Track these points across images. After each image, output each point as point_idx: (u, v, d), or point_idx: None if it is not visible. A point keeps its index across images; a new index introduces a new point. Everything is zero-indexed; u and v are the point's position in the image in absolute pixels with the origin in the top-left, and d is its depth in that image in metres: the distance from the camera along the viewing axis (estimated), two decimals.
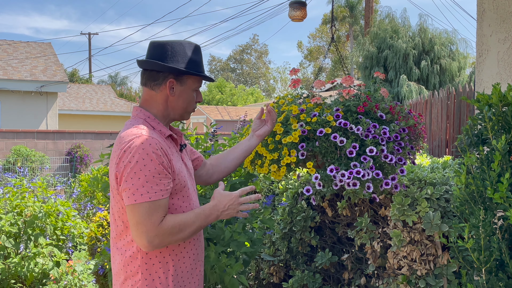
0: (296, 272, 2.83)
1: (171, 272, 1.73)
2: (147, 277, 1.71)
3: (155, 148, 1.63)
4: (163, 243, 1.64)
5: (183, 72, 1.77)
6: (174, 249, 1.74)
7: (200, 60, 1.84)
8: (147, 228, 1.60)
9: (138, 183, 1.59)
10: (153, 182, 1.60)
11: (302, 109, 2.04)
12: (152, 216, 1.60)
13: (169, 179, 1.66)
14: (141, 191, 1.59)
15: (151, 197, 1.60)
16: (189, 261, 1.79)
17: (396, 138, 1.98)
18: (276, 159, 2.05)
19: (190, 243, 1.79)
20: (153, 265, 1.72)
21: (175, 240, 1.67)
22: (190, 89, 1.81)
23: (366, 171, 1.90)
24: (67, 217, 4.30)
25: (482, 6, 2.60)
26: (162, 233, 1.61)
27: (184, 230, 1.67)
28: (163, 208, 1.63)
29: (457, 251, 1.63)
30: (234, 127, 3.54)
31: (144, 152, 1.61)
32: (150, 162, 1.60)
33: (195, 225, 1.70)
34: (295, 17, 7.05)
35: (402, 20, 15.68)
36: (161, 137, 1.73)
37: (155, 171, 1.61)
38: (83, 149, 12.52)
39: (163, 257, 1.72)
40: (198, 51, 1.85)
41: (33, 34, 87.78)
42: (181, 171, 1.76)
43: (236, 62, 51.07)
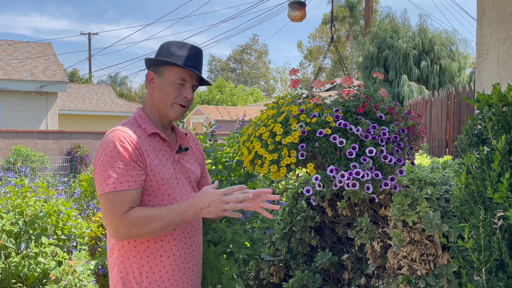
0: (296, 272, 2.83)
1: (145, 268, 1.74)
2: (122, 270, 1.76)
3: (123, 141, 1.68)
4: (129, 233, 1.66)
5: (157, 61, 1.81)
6: (150, 246, 1.74)
7: (185, 54, 1.84)
8: (112, 218, 1.65)
9: (106, 174, 1.66)
10: (119, 173, 1.65)
11: (302, 109, 2.04)
12: (117, 206, 1.64)
13: (138, 171, 1.69)
14: (107, 182, 1.65)
15: (116, 187, 1.65)
16: (169, 261, 1.76)
17: (395, 139, 1.99)
18: (276, 160, 2.05)
19: (169, 242, 1.76)
20: (128, 259, 1.75)
21: (142, 232, 1.67)
22: (168, 80, 1.81)
23: (365, 171, 1.90)
24: (68, 217, 4.30)
25: (482, 6, 2.61)
26: (126, 223, 1.64)
27: (152, 223, 1.66)
28: (130, 199, 1.66)
29: (457, 251, 1.64)
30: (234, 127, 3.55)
31: (112, 144, 1.68)
32: (117, 154, 1.67)
33: (166, 219, 1.67)
34: (294, 17, 7.05)
35: (402, 20, 15.69)
36: (143, 135, 1.77)
37: (121, 163, 1.66)
38: (83, 149, 12.53)
39: (137, 252, 1.74)
40: (185, 46, 1.86)
41: (33, 34, 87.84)
42: (161, 169, 1.76)
43: (236, 62, 51.07)
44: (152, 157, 1.75)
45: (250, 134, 2.18)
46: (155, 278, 1.75)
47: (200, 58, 1.89)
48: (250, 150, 2.16)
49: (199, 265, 1.93)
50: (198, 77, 1.87)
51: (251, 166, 2.23)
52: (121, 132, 1.71)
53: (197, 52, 1.87)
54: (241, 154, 2.25)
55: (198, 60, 1.87)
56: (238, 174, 2.84)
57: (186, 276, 1.82)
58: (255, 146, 2.10)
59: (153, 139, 1.81)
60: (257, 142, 2.10)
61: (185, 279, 1.81)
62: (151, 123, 1.82)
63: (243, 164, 2.24)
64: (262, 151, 2.06)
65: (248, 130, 2.23)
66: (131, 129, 1.76)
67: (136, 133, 1.75)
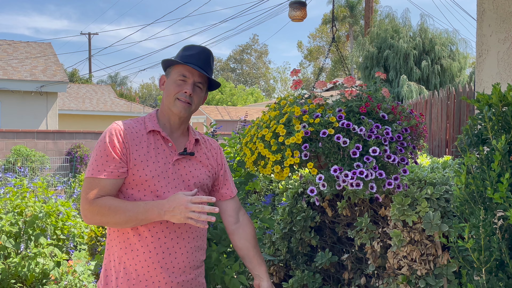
0: (296, 272, 2.83)
1: (123, 259, 1.81)
2: (106, 257, 1.87)
3: (112, 133, 1.80)
4: (93, 219, 1.76)
5: (166, 63, 1.92)
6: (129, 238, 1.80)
7: (189, 53, 1.90)
8: (82, 201, 1.76)
9: (91, 160, 1.80)
10: (99, 162, 1.77)
11: (305, 110, 2.04)
12: (89, 191, 1.75)
13: (117, 163, 1.77)
14: (89, 168, 1.79)
15: (93, 174, 1.76)
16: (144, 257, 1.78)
17: (398, 138, 1.99)
18: (279, 160, 2.06)
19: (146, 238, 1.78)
20: (111, 247, 1.85)
21: (106, 221, 1.75)
22: (172, 79, 1.89)
23: (369, 171, 1.90)
24: (67, 217, 4.30)
25: (482, 6, 2.61)
26: (92, 209, 1.74)
27: (115, 214, 1.72)
28: (102, 188, 1.75)
29: (457, 251, 1.64)
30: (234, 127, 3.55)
31: (103, 135, 1.81)
32: (103, 144, 1.79)
33: (129, 214, 1.72)
34: (295, 17, 7.05)
35: (403, 20, 15.67)
36: (143, 131, 1.85)
37: (104, 152, 1.77)
38: (83, 149, 12.53)
39: (118, 242, 1.82)
40: (192, 48, 1.94)
41: (33, 34, 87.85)
42: (147, 165, 1.79)
43: (236, 62, 51.07)
44: (141, 153, 1.81)
45: (253, 135, 2.18)
46: (131, 271, 1.79)
47: (204, 56, 1.91)
48: (253, 151, 2.16)
49: (192, 269, 1.88)
50: (200, 75, 1.88)
51: (254, 167, 2.23)
52: (115, 125, 1.83)
53: (201, 51, 1.91)
54: (243, 155, 2.25)
55: (201, 58, 1.89)
56: (239, 175, 2.84)
57: (165, 276, 1.79)
58: (258, 147, 2.10)
59: (153, 136, 1.86)
60: (260, 143, 2.10)
61: (163, 279, 1.79)
62: (156, 122, 1.88)
63: (246, 165, 2.24)
64: (265, 152, 2.06)
65: (250, 131, 2.23)
66: (131, 124, 1.86)
67: (133, 128, 1.84)
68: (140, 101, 40.87)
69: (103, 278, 1.85)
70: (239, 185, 2.69)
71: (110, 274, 1.83)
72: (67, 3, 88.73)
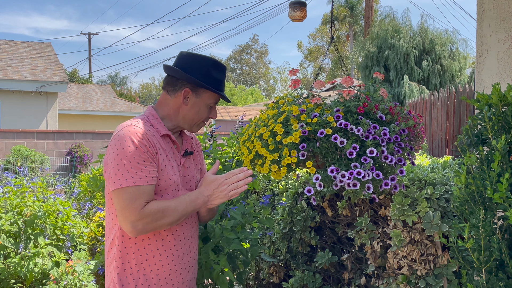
0: (296, 272, 2.83)
1: (144, 265, 1.75)
2: (119, 265, 1.76)
3: (141, 137, 1.69)
4: (146, 228, 1.67)
5: (200, 85, 1.83)
6: (150, 244, 1.75)
7: (222, 79, 1.89)
8: (130, 213, 1.64)
9: (124, 168, 1.65)
10: (138, 168, 1.65)
11: (303, 109, 2.04)
12: (135, 201, 1.64)
13: (154, 167, 1.70)
14: (126, 176, 1.64)
15: (135, 182, 1.64)
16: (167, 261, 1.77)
17: (396, 139, 1.98)
18: (277, 159, 2.05)
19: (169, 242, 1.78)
20: (127, 255, 1.75)
21: (159, 226, 1.68)
22: (204, 103, 1.86)
23: (366, 171, 1.90)
24: (67, 216, 4.29)
25: (482, 6, 2.60)
26: (144, 218, 1.65)
27: (168, 216, 1.68)
28: (147, 195, 1.67)
29: (457, 251, 1.63)
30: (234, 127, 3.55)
31: (129, 139, 1.67)
32: (135, 149, 1.66)
33: (179, 210, 1.71)
34: (295, 17, 7.05)
35: (403, 20, 15.67)
36: (156, 134, 1.78)
37: (139, 158, 1.66)
38: (83, 149, 12.53)
39: (137, 249, 1.75)
40: (222, 70, 1.91)
41: (33, 34, 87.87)
42: (169, 170, 1.78)
43: (236, 62, 51.07)
44: (163, 157, 1.77)
45: (251, 134, 2.18)
46: (152, 276, 1.76)
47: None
48: (251, 150, 2.16)
49: (195, 266, 1.94)
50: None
51: (251, 166, 2.23)
52: (138, 128, 1.72)
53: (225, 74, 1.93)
54: (241, 154, 2.25)
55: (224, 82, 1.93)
56: None
57: (183, 276, 1.83)
58: (256, 146, 2.10)
59: (164, 140, 1.82)
60: (258, 142, 2.09)
61: (181, 279, 1.82)
62: (163, 125, 1.84)
63: (243, 164, 2.24)
64: (263, 151, 2.06)
65: (248, 130, 2.23)
66: (146, 127, 1.77)
67: (149, 131, 1.77)
68: (140, 101, 40.87)
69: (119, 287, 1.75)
70: None
71: (126, 283, 1.75)
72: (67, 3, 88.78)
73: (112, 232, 1.79)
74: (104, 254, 3.29)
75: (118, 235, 1.76)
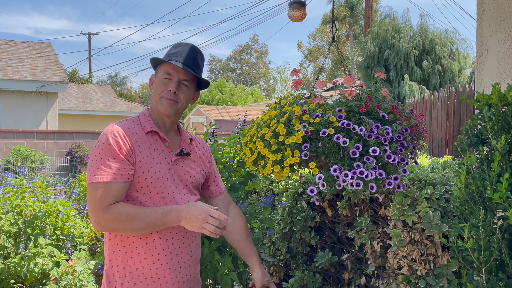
0: (296, 272, 2.83)
1: (129, 263, 1.76)
2: (107, 262, 1.81)
3: (116, 135, 1.73)
4: (108, 226, 1.70)
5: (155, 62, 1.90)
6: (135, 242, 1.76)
7: (175, 51, 1.89)
8: (95, 208, 1.68)
9: (95, 165, 1.71)
10: (107, 165, 1.70)
11: (305, 109, 2.04)
12: (101, 197, 1.68)
13: (126, 165, 1.72)
14: (95, 172, 1.70)
15: (102, 179, 1.68)
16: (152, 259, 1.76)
17: (398, 138, 1.99)
18: (279, 160, 2.05)
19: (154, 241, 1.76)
20: (114, 252, 1.79)
21: (122, 228, 1.70)
22: (158, 78, 1.88)
23: (369, 171, 1.90)
24: (67, 217, 4.30)
25: (482, 6, 2.60)
26: (108, 216, 1.67)
27: (133, 221, 1.68)
28: (114, 192, 1.69)
29: (457, 251, 1.63)
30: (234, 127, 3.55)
31: (105, 137, 1.73)
32: (108, 146, 1.71)
33: (148, 220, 1.69)
34: (294, 17, 7.05)
35: (403, 20, 15.67)
36: (141, 131, 1.81)
37: (110, 155, 1.70)
38: (83, 149, 12.53)
39: (123, 246, 1.77)
40: (179, 45, 1.92)
41: (33, 34, 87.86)
42: (151, 167, 1.77)
43: (236, 62, 51.06)
44: (145, 154, 1.77)
45: (253, 135, 2.18)
46: (138, 274, 1.76)
47: (190, 54, 1.88)
48: (253, 151, 2.16)
49: (194, 267, 1.91)
50: (186, 72, 1.86)
51: (253, 167, 2.23)
52: (116, 127, 1.77)
53: (187, 49, 1.89)
54: (243, 155, 2.25)
55: (187, 56, 1.87)
56: (239, 175, 2.84)
57: (172, 277, 1.81)
58: (258, 147, 2.10)
59: (152, 137, 1.83)
60: (260, 143, 2.09)
61: (170, 280, 1.80)
62: (152, 122, 1.85)
63: (246, 165, 2.25)
64: (265, 152, 2.06)
65: (250, 131, 2.23)
66: (129, 125, 1.81)
67: (133, 129, 1.80)
68: (140, 101, 40.86)
69: (106, 285, 1.79)
70: (239, 185, 2.69)
71: (113, 280, 1.78)
72: (67, 3, 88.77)
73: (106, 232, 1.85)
74: (103, 254, 3.30)
75: (107, 234, 1.82)
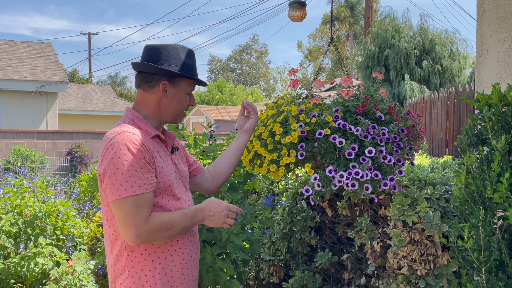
0: (296, 272, 2.83)
1: (158, 270, 1.73)
2: (133, 275, 1.72)
3: (136, 143, 1.65)
4: (149, 238, 1.65)
5: (176, 74, 1.80)
6: (160, 247, 1.73)
7: (194, 64, 1.87)
8: (134, 223, 1.61)
9: (121, 178, 1.61)
10: (136, 177, 1.62)
11: (302, 109, 2.04)
12: (138, 210, 1.62)
13: (152, 173, 1.68)
14: (125, 186, 1.61)
15: (135, 191, 1.61)
16: (179, 260, 1.77)
17: (395, 139, 1.98)
18: (275, 159, 2.05)
19: (178, 241, 1.78)
20: (139, 263, 1.72)
21: (161, 237, 1.67)
22: (183, 91, 1.84)
23: (365, 172, 1.90)
24: (67, 217, 4.30)
25: (482, 6, 2.60)
26: (149, 228, 1.63)
27: (171, 228, 1.68)
28: (148, 203, 1.65)
29: (457, 251, 1.63)
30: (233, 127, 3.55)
31: (125, 147, 1.63)
32: (132, 157, 1.62)
33: (182, 224, 1.72)
34: (294, 17, 7.05)
35: (403, 20, 15.67)
36: (146, 136, 1.75)
37: (137, 166, 1.63)
38: (83, 149, 12.52)
39: (148, 254, 1.72)
40: (192, 55, 1.88)
41: (33, 34, 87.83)
42: (166, 170, 1.77)
43: (236, 62, 51.05)
44: (159, 159, 1.75)
45: None
46: (168, 279, 1.74)
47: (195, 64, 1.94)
48: (250, 150, 2.16)
49: (198, 263, 1.96)
50: None
51: (250, 166, 2.23)
52: (132, 134, 1.67)
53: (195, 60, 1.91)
54: None
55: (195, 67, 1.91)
56: (237, 174, 2.83)
57: (192, 273, 1.84)
58: (255, 146, 2.09)
59: (154, 141, 1.80)
60: (257, 142, 2.09)
61: (191, 277, 1.83)
62: (150, 125, 1.81)
63: (243, 163, 2.25)
64: (262, 151, 2.06)
65: None
66: (137, 131, 1.73)
67: (143, 135, 1.73)
68: None
69: None
70: (238, 185, 2.69)
71: None
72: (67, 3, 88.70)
73: (116, 244, 1.74)
74: (104, 255, 3.29)
75: (125, 246, 1.72)
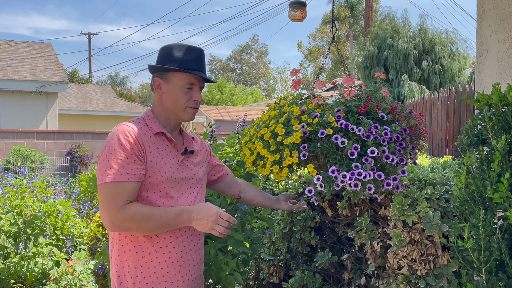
0: (296, 272, 2.83)
1: (140, 263, 1.78)
2: (118, 263, 1.81)
3: (127, 134, 1.74)
4: (123, 226, 1.71)
5: (165, 69, 1.85)
6: (145, 241, 1.78)
7: (190, 58, 1.87)
8: (110, 208, 1.69)
9: (107, 165, 1.71)
10: (120, 165, 1.71)
11: (304, 110, 2.04)
12: (115, 197, 1.69)
13: (139, 165, 1.74)
14: (108, 172, 1.70)
15: (115, 178, 1.69)
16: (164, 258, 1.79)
17: (397, 139, 1.98)
18: (278, 160, 2.05)
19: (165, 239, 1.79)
20: (124, 253, 1.79)
21: (136, 228, 1.72)
22: (177, 86, 1.86)
23: (367, 172, 1.90)
24: (67, 217, 4.30)
25: (482, 6, 2.60)
26: (123, 216, 1.69)
27: (148, 221, 1.71)
28: (128, 192, 1.71)
29: (457, 251, 1.63)
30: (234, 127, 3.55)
31: (116, 137, 1.74)
32: (120, 146, 1.72)
33: (162, 220, 1.73)
34: (295, 17, 7.05)
35: (403, 20, 15.66)
36: (149, 132, 1.83)
37: (123, 155, 1.71)
38: (83, 149, 12.52)
39: (133, 246, 1.78)
40: (191, 51, 1.89)
41: (33, 34, 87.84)
42: (161, 167, 1.80)
43: (236, 62, 51.05)
44: (155, 154, 1.80)
45: (252, 135, 2.18)
46: (149, 274, 1.78)
47: (203, 58, 1.92)
48: (252, 151, 2.16)
49: (200, 265, 1.94)
50: (203, 78, 1.92)
51: (253, 167, 2.23)
52: (126, 127, 1.77)
53: (199, 54, 1.90)
54: (243, 155, 2.25)
55: (201, 62, 1.91)
56: (238, 174, 2.83)
57: (183, 274, 1.83)
58: (257, 147, 2.09)
59: (159, 138, 1.85)
60: (259, 143, 2.09)
61: (181, 278, 1.83)
62: (158, 123, 1.87)
63: (245, 165, 2.25)
64: (264, 152, 2.06)
65: (250, 131, 2.23)
66: (137, 126, 1.82)
67: (141, 129, 1.81)
68: (140, 101, 40.86)
69: (118, 285, 1.80)
70: None
71: (125, 280, 1.79)
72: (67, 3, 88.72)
73: (111, 235, 1.84)
74: (104, 254, 3.30)
75: (116, 234, 1.82)
